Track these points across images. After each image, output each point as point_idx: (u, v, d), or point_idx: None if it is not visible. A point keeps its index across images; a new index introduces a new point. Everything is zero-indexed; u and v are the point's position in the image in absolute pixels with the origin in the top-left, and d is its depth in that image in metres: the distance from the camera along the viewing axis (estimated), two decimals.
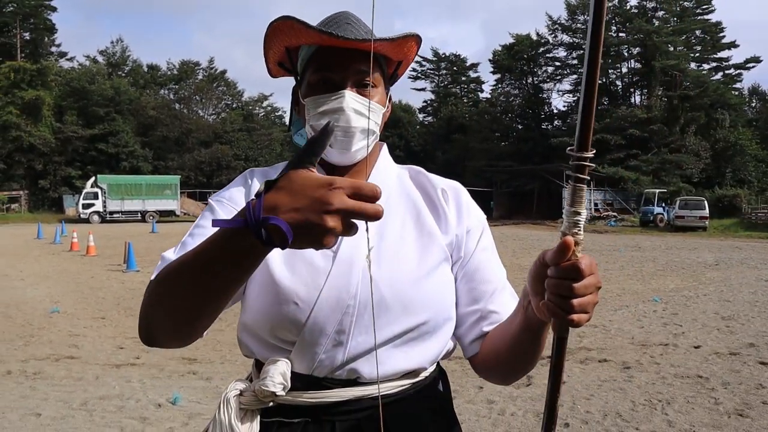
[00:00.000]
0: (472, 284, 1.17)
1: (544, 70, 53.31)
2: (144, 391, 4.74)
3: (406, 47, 1.16)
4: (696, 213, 29.82)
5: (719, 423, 4.06)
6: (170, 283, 0.87)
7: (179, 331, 0.91)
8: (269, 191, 0.72)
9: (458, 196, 1.23)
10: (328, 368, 1.07)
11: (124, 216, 37.57)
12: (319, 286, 1.06)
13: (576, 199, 0.81)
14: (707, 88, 43.92)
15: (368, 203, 0.71)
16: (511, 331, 1.02)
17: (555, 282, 0.80)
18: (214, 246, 0.78)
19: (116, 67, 56.77)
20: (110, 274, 12.21)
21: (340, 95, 1.10)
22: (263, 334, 1.10)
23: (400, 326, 1.08)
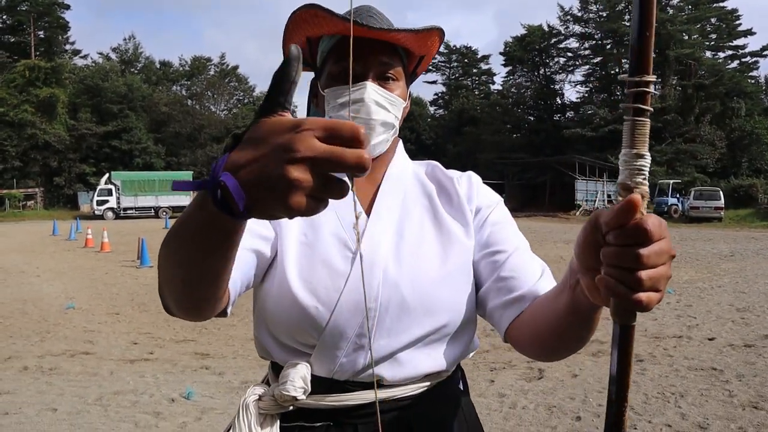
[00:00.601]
0: (487, 259, 1.12)
1: (556, 62, 52.96)
2: (158, 386, 4.78)
3: (429, 41, 1.14)
4: (711, 203, 29.51)
5: (733, 415, 4.02)
6: (161, 251, 0.80)
7: (180, 301, 0.85)
8: (237, 143, 0.59)
9: (470, 179, 1.22)
10: (349, 372, 1.05)
11: (138, 212, 37.83)
12: (339, 289, 1.04)
13: (637, 138, 0.63)
14: (723, 76, 43.41)
15: (347, 148, 0.54)
16: (554, 312, 0.89)
17: (615, 251, 0.62)
18: (187, 212, 0.69)
19: (129, 64, 57.07)
20: (124, 270, 12.32)
21: (362, 86, 1.07)
22: (282, 337, 1.08)
23: (423, 328, 1.05)
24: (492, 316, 1.10)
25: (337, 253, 1.07)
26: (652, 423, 3.89)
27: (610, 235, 0.62)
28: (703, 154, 40.49)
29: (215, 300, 0.86)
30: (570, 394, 4.41)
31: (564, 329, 0.89)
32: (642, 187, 0.63)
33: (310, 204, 0.55)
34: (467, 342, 1.14)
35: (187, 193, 38.15)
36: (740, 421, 3.92)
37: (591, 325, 0.86)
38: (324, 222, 1.11)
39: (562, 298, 0.85)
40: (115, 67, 52.97)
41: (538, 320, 0.97)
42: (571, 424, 3.88)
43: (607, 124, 43.36)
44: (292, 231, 1.10)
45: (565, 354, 0.99)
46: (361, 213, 1.12)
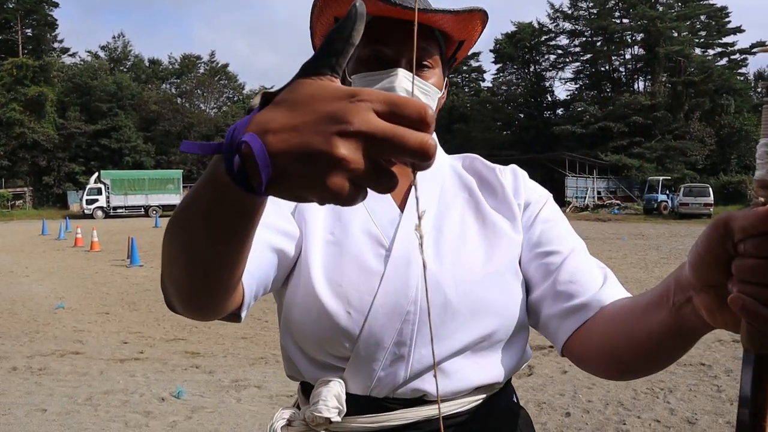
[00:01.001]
0: (539, 261, 0.99)
1: (546, 59, 53.14)
2: (148, 386, 4.76)
3: (470, 24, 1.02)
4: (700, 200, 29.69)
5: (721, 410, 4.06)
6: (165, 236, 0.68)
7: (184, 296, 0.73)
8: (266, 106, 0.49)
9: (515, 172, 1.11)
10: (388, 387, 0.93)
11: (128, 211, 37.63)
12: (372, 291, 0.92)
13: None
14: (712, 73, 43.68)
15: (409, 129, 0.44)
16: (644, 331, 0.76)
17: (758, 264, 0.50)
18: (195, 187, 0.58)
19: (118, 62, 56.77)
20: (114, 269, 12.26)
21: (393, 73, 0.96)
22: (311, 350, 0.96)
23: (470, 334, 0.93)
24: (547, 327, 0.96)
25: (370, 252, 0.96)
26: (641, 418, 3.91)
27: (749, 244, 0.51)
28: (693, 151, 40.73)
29: (224, 297, 0.74)
30: (560, 391, 4.43)
31: (657, 351, 0.76)
32: None
33: (351, 190, 0.45)
34: (521, 350, 1.02)
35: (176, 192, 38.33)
36: (728, 416, 3.96)
37: (692, 346, 0.75)
38: (352, 217, 0.99)
39: (657, 316, 0.72)
40: (104, 66, 52.70)
41: (614, 336, 0.83)
42: (561, 420, 3.90)
43: (597, 121, 43.57)
44: (317, 228, 0.98)
45: (646, 374, 0.86)
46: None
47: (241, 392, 4.58)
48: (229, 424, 3.97)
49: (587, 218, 30.46)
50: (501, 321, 0.95)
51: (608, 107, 44.39)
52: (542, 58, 53.17)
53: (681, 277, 0.65)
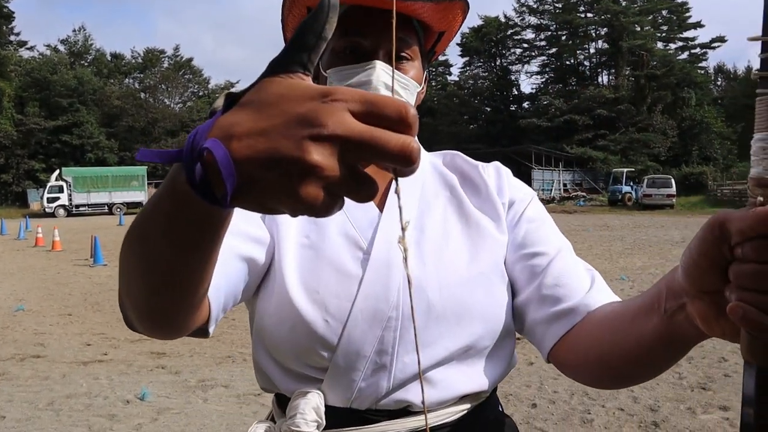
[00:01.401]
0: (524, 262, 0.94)
1: (512, 52, 53.60)
2: (112, 388, 4.67)
3: (451, 14, 0.97)
4: (663, 191, 30.37)
5: (682, 397, 4.16)
6: (122, 249, 0.62)
7: (144, 314, 0.67)
8: (230, 108, 0.44)
9: (499, 170, 1.06)
10: (370, 398, 0.88)
11: (91, 209, 36.83)
12: (351, 297, 0.87)
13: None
14: (673, 67, 44.66)
15: (388, 131, 0.40)
16: (634, 338, 0.72)
17: (758, 269, 0.47)
18: (155, 197, 0.52)
19: (78, 56, 55.46)
20: (77, 269, 11.99)
21: (370, 66, 0.90)
22: (286, 361, 0.90)
23: (455, 340, 0.89)
24: (533, 332, 0.92)
25: (347, 255, 0.90)
26: (605, 407, 3.98)
27: (747, 248, 0.47)
28: (656, 143, 41.59)
29: (189, 314, 0.69)
30: (526, 382, 4.48)
31: (647, 359, 0.72)
32: None
33: (326, 200, 0.41)
34: (508, 356, 0.97)
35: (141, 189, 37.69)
36: (689, 402, 4.05)
37: (684, 354, 0.70)
38: (328, 219, 0.92)
39: (648, 323, 0.68)
40: (64, 60, 51.44)
41: (603, 343, 0.79)
42: (527, 412, 3.95)
43: (563, 114, 44.17)
44: (290, 232, 0.93)
45: (636, 383, 0.82)
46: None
47: (207, 392, 4.53)
48: (195, 425, 3.92)
49: (554, 210, 30.85)
50: (487, 326, 0.90)
51: (573, 100, 45.05)
52: (508, 51, 53.63)
53: (673, 283, 0.61)
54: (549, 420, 3.83)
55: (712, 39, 48.43)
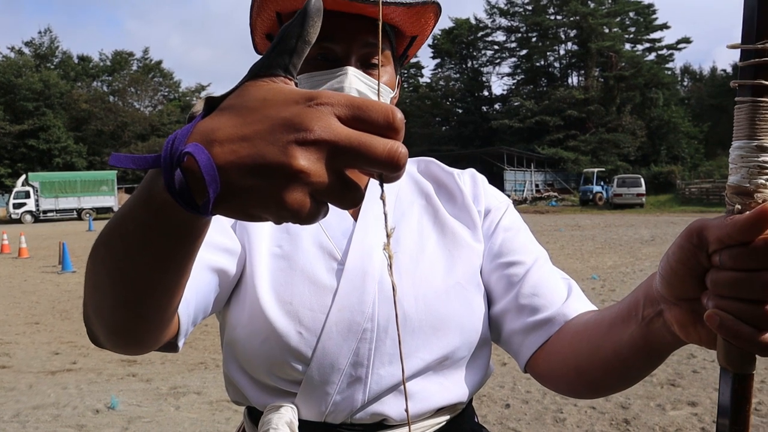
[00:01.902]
0: (501, 272, 0.93)
1: (483, 54, 54.02)
2: (81, 398, 4.58)
3: (423, 18, 0.96)
4: (633, 190, 30.88)
5: (652, 394, 4.22)
6: (90, 260, 0.59)
7: (113, 329, 0.64)
8: (211, 112, 0.43)
9: (474, 177, 1.05)
10: (345, 411, 0.86)
11: (59, 215, 36.11)
12: (325, 309, 0.85)
13: (759, 125, 0.48)
14: (641, 68, 45.48)
15: (376, 136, 0.40)
16: (611, 347, 0.72)
17: (735, 277, 0.47)
18: (127, 205, 0.50)
19: (44, 59, 54.36)
20: (44, 276, 11.73)
21: (342, 72, 0.89)
22: (259, 374, 0.88)
23: (432, 352, 0.87)
24: (510, 342, 0.92)
25: (321, 266, 0.89)
26: (577, 406, 4.02)
27: (725, 255, 0.47)
28: (625, 143, 42.26)
29: (159, 329, 0.66)
30: (499, 383, 4.51)
31: (626, 367, 0.72)
32: (767, 191, 0.48)
33: (311, 207, 0.40)
34: (484, 367, 0.96)
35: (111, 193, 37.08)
36: (659, 399, 4.12)
37: (662, 362, 0.70)
38: (301, 229, 0.92)
39: (625, 331, 0.68)
40: (29, 62, 50.35)
41: (580, 352, 0.79)
42: (501, 412, 3.97)
43: (534, 115, 44.66)
44: (263, 242, 0.91)
45: (614, 391, 0.81)
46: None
47: (179, 399, 4.46)
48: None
49: (526, 211, 31.17)
50: (463, 337, 0.89)
51: (544, 102, 45.56)
52: (479, 53, 54.03)
53: (651, 290, 0.61)
54: (522, 420, 3.85)
55: (678, 40, 49.48)
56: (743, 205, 0.48)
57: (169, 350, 0.81)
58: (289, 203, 0.39)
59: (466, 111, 52.94)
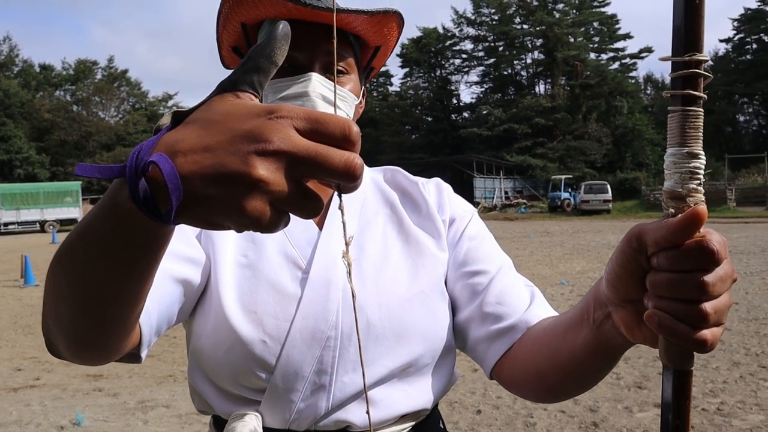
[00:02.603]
0: (465, 281, 0.95)
1: (452, 63, 54.49)
2: (45, 414, 4.46)
3: (386, 28, 0.99)
4: (600, 197, 31.40)
5: (620, 396, 4.29)
6: (51, 270, 0.59)
7: (74, 339, 0.63)
8: (177, 125, 0.45)
9: (439, 186, 1.06)
10: (309, 419, 0.87)
11: (21, 227, 35.18)
12: (289, 317, 0.86)
13: (689, 133, 0.50)
14: (606, 76, 46.34)
15: (333, 148, 0.42)
16: (567, 351, 0.74)
17: (671, 278, 0.50)
18: (92, 214, 0.51)
19: (4, 67, 53.18)
20: (5, 290, 11.41)
21: (306, 78, 0.91)
22: (223, 383, 0.88)
23: (395, 359, 0.88)
24: (475, 350, 0.93)
25: (286, 274, 0.90)
26: (547, 410, 4.06)
27: (661, 258, 0.50)
28: (592, 150, 42.95)
29: (121, 339, 0.67)
30: (471, 389, 4.53)
31: (581, 370, 0.74)
32: (697, 195, 0.50)
33: (272, 216, 0.42)
34: (448, 374, 0.97)
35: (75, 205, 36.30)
36: (626, 401, 4.19)
37: (615, 363, 0.72)
38: (266, 238, 0.93)
39: (579, 334, 0.70)
40: None
41: (540, 357, 0.81)
42: (472, 418, 3.99)
43: (502, 123, 45.15)
44: (228, 251, 0.92)
45: (573, 395, 0.83)
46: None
47: (148, 413, 4.38)
48: None
49: (496, 218, 31.45)
50: (427, 344, 0.90)
51: (512, 110, 46.08)
52: (448, 62, 54.47)
53: (599, 294, 0.63)
54: (493, 425, 3.88)
55: (641, 49, 50.55)
56: (677, 209, 0.50)
57: (131, 361, 0.81)
58: (249, 211, 0.40)
59: (436, 119, 53.28)
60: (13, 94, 47.10)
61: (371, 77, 1.12)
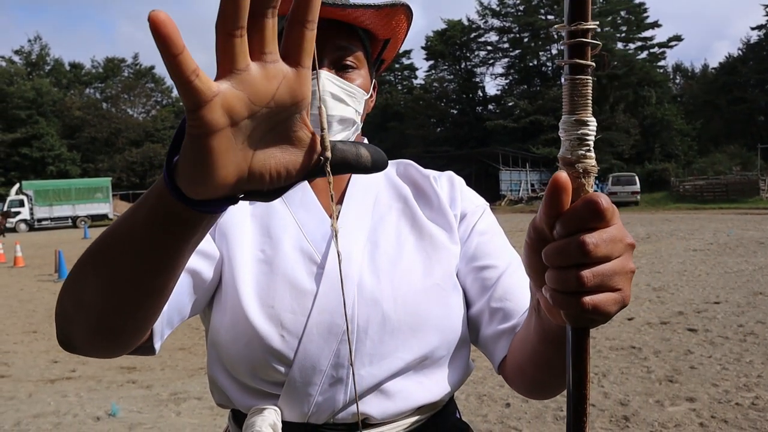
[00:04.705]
0: (475, 275, 0.96)
1: (477, 55, 54.04)
2: (81, 405, 4.57)
3: (394, 20, 0.98)
4: (628, 188, 30.96)
5: (651, 390, 4.24)
6: (83, 262, 0.61)
7: (99, 329, 0.65)
8: None
9: (451, 180, 1.07)
10: (327, 412, 0.88)
11: (54, 223, 35.98)
12: (306, 311, 0.88)
13: (577, 101, 0.52)
14: (634, 66, 45.53)
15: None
16: (529, 341, 0.76)
17: (555, 246, 0.50)
18: (138, 204, 0.54)
19: (35, 66, 54.22)
20: (41, 284, 11.71)
21: (314, 76, 0.88)
22: (242, 377, 0.90)
23: (411, 352, 0.90)
24: (486, 346, 0.95)
25: (302, 269, 0.91)
26: None
27: (554, 229, 0.50)
28: (619, 142, 42.31)
29: (141, 331, 0.69)
30: (499, 382, 4.52)
31: (542, 360, 0.75)
32: (586, 161, 0.50)
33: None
34: (463, 365, 0.98)
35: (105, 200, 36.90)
36: (658, 395, 4.14)
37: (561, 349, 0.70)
38: (284, 235, 0.95)
39: (531, 322, 0.73)
40: (20, 71, 50.19)
41: (518, 352, 0.84)
42: (501, 411, 3.98)
43: (528, 115, 44.70)
44: (245, 247, 0.93)
45: (549, 389, 0.83)
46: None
47: (180, 405, 4.47)
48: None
49: (522, 210, 31.21)
50: (442, 337, 0.91)
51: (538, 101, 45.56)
52: (473, 54, 54.02)
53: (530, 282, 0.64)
54: (522, 418, 3.87)
55: (669, 38, 49.59)
56: (570, 175, 0.50)
57: (145, 353, 0.84)
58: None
59: (461, 112, 52.97)
60: (45, 93, 48.00)
61: (382, 70, 1.12)
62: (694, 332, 5.74)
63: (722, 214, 23.10)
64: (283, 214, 0.97)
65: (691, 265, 9.95)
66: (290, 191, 1.00)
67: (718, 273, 9.06)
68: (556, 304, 0.50)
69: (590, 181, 0.50)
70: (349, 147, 0.50)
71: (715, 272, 9.14)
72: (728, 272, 9.08)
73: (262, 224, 0.97)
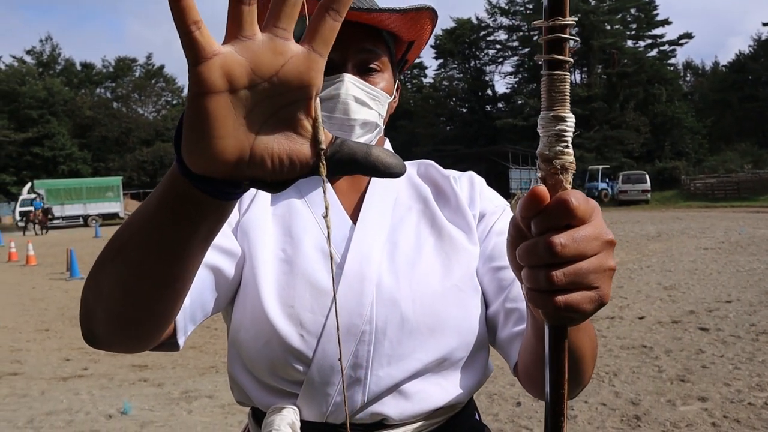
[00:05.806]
0: (492, 275, 0.96)
1: (486, 53, 53.91)
2: (93, 403, 4.61)
3: (419, 24, 0.99)
4: (638, 187, 30.84)
5: (662, 390, 4.22)
6: (106, 252, 0.62)
7: (123, 321, 0.65)
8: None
9: (471, 180, 1.07)
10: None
11: (65, 221, 36.19)
12: (325, 311, 0.88)
13: (555, 96, 0.51)
14: (644, 64, 45.28)
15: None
16: (528, 339, 0.77)
17: (523, 248, 0.50)
18: (160, 188, 0.53)
19: (47, 66, 54.57)
20: (53, 283, 11.79)
21: (338, 79, 0.92)
22: (262, 375, 0.91)
23: (429, 353, 0.89)
24: (502, 348, 0.95)
25: (322, 270, 0.92)
26: (588, 403, 4.03)
27: (531, 228, 0.51)
28: (629, 140, 42.10)
29: (165, 324, 0.69)
30: (510, 381, 4.52)
31: (540, 358, 0.71)
32: (564, 157, 0.50)
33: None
34: (482, 367, 0.98)
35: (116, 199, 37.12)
36: (669, 395, 4.12)
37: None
38: (305, 235, 0.95)
39: (529, 321, 0.74)
40: (32, 71, 50.55)
41: (523, 352, 0.84)
42: (512, 410, 3.98)
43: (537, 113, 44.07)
44: (267, 246, 0.94)
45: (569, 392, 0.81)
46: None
47: (192, 403, 4.49)
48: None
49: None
50: (461, 338, 0.91)
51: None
52: (482, 53, 53.90)
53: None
54: (533, 417, 3.86)
55: (680, 36, 49.26)
56: (546, 171, 0.50)
57: (170, 349, 0.84)
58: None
59: (470, 110, 52.87)
60: (57, 93, 48.32)
61: (405, 69, 1.13)
62: (706, 331, 5.70)
63: (733, 213, 22.95)
64: (305, 215, 0.98)
65: (702, 264, 9.89)
66: (312, 193, 0.99)
67: (729, 271, 9.00)
68: (532, 302, 0.51)
69: (568, 178, 0.50)
70: (360, 146, 0.49)
71: (726, 271, 9.08)
72: (740, 271, 9.02)
73: (283, 224, 0.98)
